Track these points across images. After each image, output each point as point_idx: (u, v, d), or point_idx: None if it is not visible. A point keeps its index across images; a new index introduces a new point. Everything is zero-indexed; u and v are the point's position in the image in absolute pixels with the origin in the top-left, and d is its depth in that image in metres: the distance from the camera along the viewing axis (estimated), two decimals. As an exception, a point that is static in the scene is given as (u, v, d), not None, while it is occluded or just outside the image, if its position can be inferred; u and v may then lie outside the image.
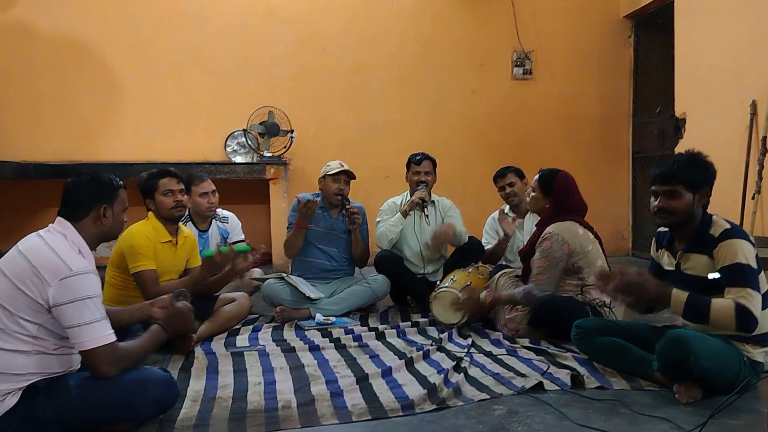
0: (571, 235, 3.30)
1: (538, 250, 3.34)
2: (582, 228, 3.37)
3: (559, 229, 3.31)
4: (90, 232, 2.26)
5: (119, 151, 5.81)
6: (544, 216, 3.46)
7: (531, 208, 3.59)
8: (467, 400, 2.51)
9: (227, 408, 2.46)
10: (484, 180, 4.54)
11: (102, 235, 2.31)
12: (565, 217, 3.37)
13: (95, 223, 2.27)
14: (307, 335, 3.60)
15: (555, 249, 3.27)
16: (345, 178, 4.19)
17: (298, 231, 4.09)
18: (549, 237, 3.30)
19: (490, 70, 6.46)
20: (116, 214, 2.34)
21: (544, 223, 3.42)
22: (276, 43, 6.09)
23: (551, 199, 3.43)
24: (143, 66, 5.89)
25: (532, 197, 3.51)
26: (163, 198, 3.39)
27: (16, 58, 5.69)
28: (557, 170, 3.51)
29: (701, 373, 2.35)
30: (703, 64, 5.05)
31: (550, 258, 3.28)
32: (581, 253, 3.30)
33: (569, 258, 3.29)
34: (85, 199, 2.27)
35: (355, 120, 6.23)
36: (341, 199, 4.15)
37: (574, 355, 2.99)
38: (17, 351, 2.03)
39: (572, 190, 3.47)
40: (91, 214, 2.26)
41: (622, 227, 6.76)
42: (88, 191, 2.29)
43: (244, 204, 5.78)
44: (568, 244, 3.27)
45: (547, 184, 3.44)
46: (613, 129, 6.68)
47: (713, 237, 2.49)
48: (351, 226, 4.15)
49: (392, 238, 4.25)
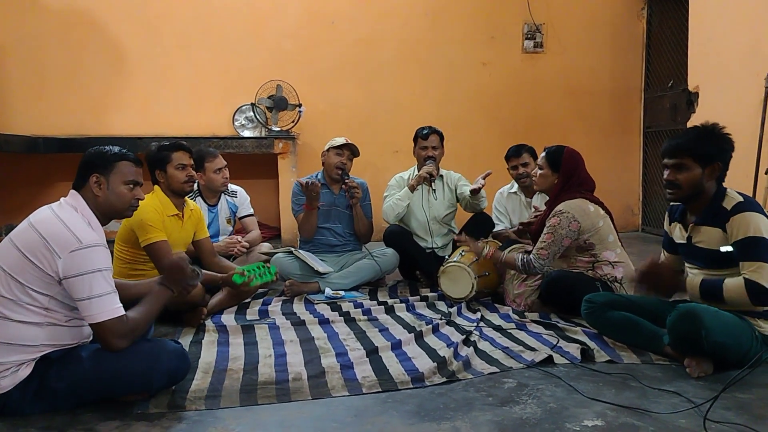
0: (582, 213, 3.28)
1: (546, 226, 3.33)
2: (592, 204, 3.35)
3: (570, 206, 3.29)
4: (92, 204, 2.25)
5: (127, 125, 5.79)
6: (552, 192, 3.44)
7: (539, 186, 3.53)
8: (477, 374, 2.52)
9: (238, 380, 2.48)
10: (494, 154, 4.51)
11: (101, 207, 2.26)
12: (574, 193, 3.35)
13: (94, 193, 2.25)
14: (317, 309, 3.61)
15: (562, 226, 3.25)
16: (348, 153, 4.16)
17: (309, 212, 4.08)
18: (558, 213, 3.28)
19: (500, 43, 6.38)
20: (112, 185, 2.28)
21: (555, 200, 3.40)
22: (284, 17, 6.02)
23: (560, 174, 3.40)
24: (151, 40, 5.85)
25: (541, 175, 3.47)
26: (176, 172, 3.37)
27: (24, 32, 5.66)
28: (563, 146, 3.48)
29: (713, 347, 2.34)
30: (717, 38, 4.96)
31: (556, 234, 3.26)
32: (592, 230, 3.29)
33: (580, 236, 3.28)
34: (82, 169, 2.28)
35: (364, 94, 6.19)
36: (341, 174, 4.13)
37: (584, 329, 2.99)
38: (29, 323, 2.05)
39: (580, 165, 3.44)
40: (88, 182, 2.25)
41: (633, 202, 6.72)
42: (85, 160, 2.29)
43: (253, 179, 5.78)
44: (578, 222, 3.25)
45: (555, 160, 3.41)
46: (624, 103, 6.61)
47: (726, 210, 2.47)
48: (351, 200, 4.14)
49: (399, 213, 4.24)
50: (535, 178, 3.52)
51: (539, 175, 3.48)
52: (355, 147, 4.18)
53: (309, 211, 4.08)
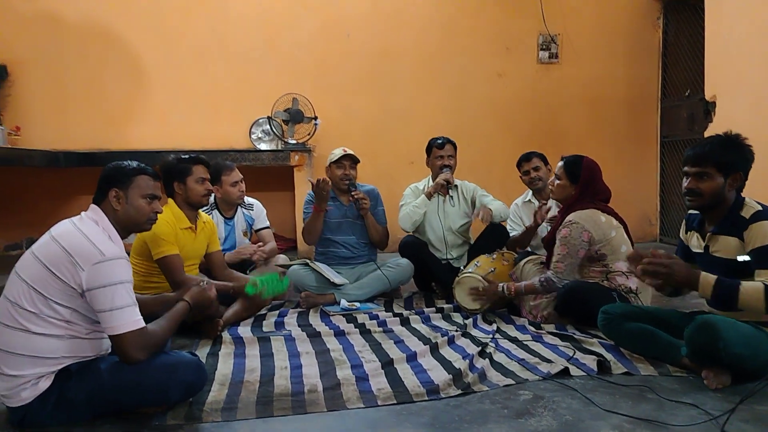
0: (592, 223, 3.27)
1: (558, 237, 3.32)
2: (604, 215, 3.34)
3: (580, 217, 3.28)
4: (112, 218, 2.29)
5: (146, 138, 5.88)
6: (567, 202, 3.43)
7: (556, 196, 3.52)
8: (492, 386, 2.51)
9: (254, 391, 2.49)
10: (509, 165, 4.51)
11: (120, 220, 2.31)
12: (587, 204, 3.34)
13: (114, 207, 2.30)
14: (332, 320, 3.62)
15: (574, 236, 3.24)
16: (349, 163, 4.15)
17: (316, 214, 4.09)
18: (569, 224, 3.28)
19: (515, 54, 6.39)
20: (131, 199, 2.33)
21: (567, 210, 3.39)
22: (300, 30, 6.09)
23: (578, 185, 3.39)
24: (169, 54, 5.94)
25: (558, 185, 3.46)
26: (196, 185, 3.41)
27: (44, 48, 5.78)
28: (581, 156, 3.47)
29: (730, 358, 2.31)
30: (734, 46, 4.93)
31: (570, 245, 3.26)
32: (604, 241, 3.27)
33: (591, 246, 3.27)
34: (101, 184, 2.32)
35: (379, 106, 6.22)
36: (349, 185, 4.14)
37: (601, 341, 2.97)
38: (50, 335, 2.08)
39: (597, 176, 3.44)
40: (108, 197, 2.30)
41: (650, 212, 6.67)
42: (105, 175, 2.34)
43: (269, 191, 5.83)
44: (589, 232, 3.24)
45: (574, 171, 3.40)
46: (641, 113, 6.57)
47: (744, 219, 2.45)
48: (360, 211, 4.14)
49: (416, 220, 4.24)
50: (552, 188, 3.52)
51: (557, 185, 3.47)
52: (353, 156, 4.16)
53: (316, 213, 4.08)
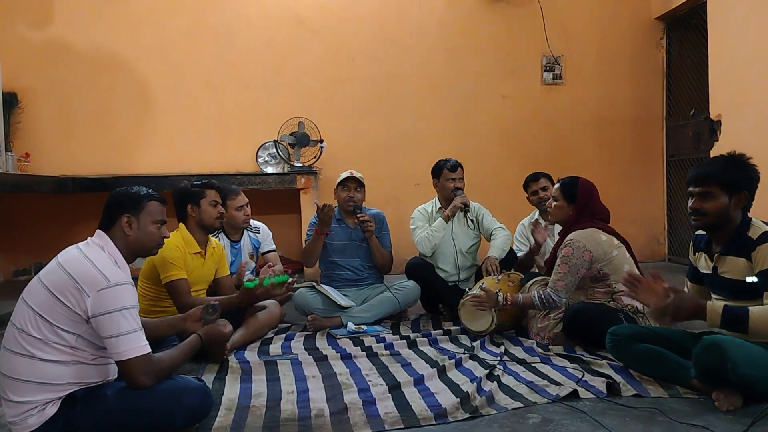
0: (593, 242, 3.27)
1: (559, 257, 3.32)
2: (605, 234, 3.35)
3: (581, 236, 3.29)
4: (120, 243, 2.30)
5: (154, 163, 5.93)
6: (567, 223, 3.44)
7: (554, 218, 3.56)
8: (500, 409, 2.49)
9: (261, 416, 2.48)
10: (516, 186, 4.51)
11: (130, 246, 2.33)
12: (586, 223, 3.36)
13: (122, 234, 2.31)
14: (339, 344, 3.60)
15: (575, 255, 3.25)
16: (355, 186, 4.16)
17: (317, 236, 4.09)
18: (570, 244, 3.29)
19: (519, 76, 6.43)
20: (143, 225, 2.35)
21: (567, 230, 3.41)
22: (305, 55, 6.15)
23: (575, 205, 3.42)
24: (176, 80, 6.02)
25: (556, 206, 3.49)
26: (210, 208, 3.46)
27: (53, 76, 5.87)
28: (577, 177, 3.52)
29: (739, 379, 2.29)
30: (738, 65, 4.95)
31: (570, 264, 3.26)
32: (605, 260, 3.27)
33: (592, 265, 3.27)
34: (111, 209, 2.33)
35: (385, 129, 6.26)
36: (353, 208, 4.15)
37: (610, 362, 2.94)
38: (56, 361, 2.07)
39: (594, 196, 3.47)
40: (117, 223, 2.31)
41: (658, 232, 6.64)
42: (115, 201, 2.35)
43: (276, 214, 5.85)
44: (590, 251, 3.25)
45: (570, 192, 3.44)
46: (646, 132, 6.58)
47: (751, 240, 2.45)
48: (365, 234, 4.14)
49: (435, 244, 4.23)
50: (550, 210, 3.54)
51: (554, 206, 3.50)
52: (357, 178, 4.16)
53: (316, 236, 4.09)
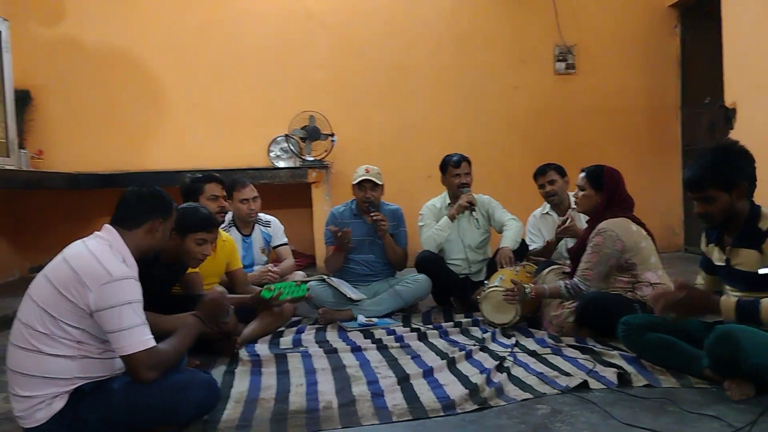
0: (625, 232, 3.23)
1: (590, 245, 3.27)
2: (635, 224, 3.30)
3: (613, 225, 3.24)
4: (139, 244, 2.29)
5: (165, 159, 5.94)
6: (596, 212, 3.39)
7: (581, 208, 3.51)
8: (510, 400, 2.47)
9: (269, 409, 2.48)
10: (528, 178, 4.47)
11: (150, 248, 2.35)
12: (617, 212, 3.31)
13: (146, 236, 2.31)
14: (350, 336, 3.60)
15: (607, 245, 3.20)
16: (370, 186, 4.15)
17: (336, 252, 4.12)
18: (602, 232, 3.23)
19: (531, 66, 6.37)
20: (167, 231, 2.40)
21: (597, 219, 3.36)
22: (315, 49, 6.14)
23: (603, 193, 3.37)
24: (186, 75, 6.03)
25: (583, 196, 3.43)
26: (208, 202, 3.46)
27: (65, 73, 5.90)
28: (602, 165, 3.46)
29: (751, 369, 2.25)
30: (752, 53, 4.86)
31: (601, 254, 3.21)
32: (634, 250, 3.23)
33: (622, 255, 3.22)
34: (141, 210, 2.32)
35: (396, 121, 6.23)
36: (368, 207, 4.14)
37: (622, 353, 2.91)
38: (63, 356, 2.08)
39: (620, 183, 3.42)
40: (144, 225, 2.30)
41: (674, 222, 6.56)
42: (147, 203, 2.34)
43: (287, 208, 5.85)
44: (621, 241, 3.20)
45: (596, 179, 3.39)
46: (661, 121, 6.49)
47: (762, 231, 2.41)
48: (378, 232, 4.13)
49: (440, 243, 4.23)
50: (577, 200, 3.50)
51: (581, 196, 3.45)
52: (372, 181, 4.12)
53: (336, 252, 4.12)
